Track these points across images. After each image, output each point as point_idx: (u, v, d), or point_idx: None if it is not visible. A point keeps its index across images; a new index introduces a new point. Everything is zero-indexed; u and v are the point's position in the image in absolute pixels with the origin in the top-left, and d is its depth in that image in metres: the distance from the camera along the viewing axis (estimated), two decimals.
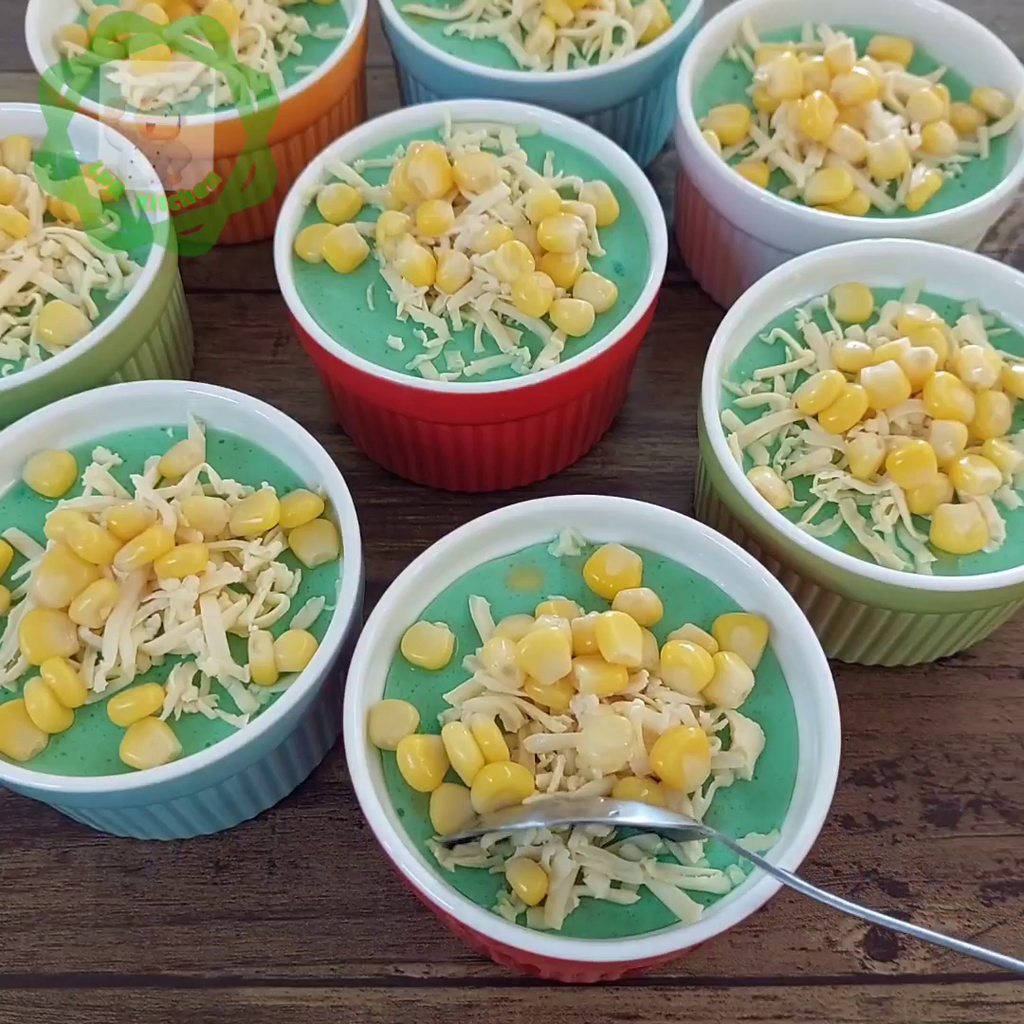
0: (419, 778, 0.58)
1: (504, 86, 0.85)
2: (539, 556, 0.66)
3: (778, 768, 0.59)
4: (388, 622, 0.62)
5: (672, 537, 0.65)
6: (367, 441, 0.82)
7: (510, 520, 0.65)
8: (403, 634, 0.63)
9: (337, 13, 0.93)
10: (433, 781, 0.58)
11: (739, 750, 0.58)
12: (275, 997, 0.64)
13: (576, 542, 0.66)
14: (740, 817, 0.58)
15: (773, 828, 0.57)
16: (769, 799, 0.58)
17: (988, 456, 0.67)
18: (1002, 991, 0.65)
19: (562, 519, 0.66)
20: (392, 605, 0.62)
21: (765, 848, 0.56)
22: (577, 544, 0.66)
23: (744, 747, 0.58)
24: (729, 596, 0.64)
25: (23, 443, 0.68)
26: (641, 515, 0.65)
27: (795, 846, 0.55)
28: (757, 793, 0.59)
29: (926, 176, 0.81)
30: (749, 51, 0.89)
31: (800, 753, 0.59)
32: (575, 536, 0.66)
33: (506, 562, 0.66)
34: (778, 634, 0.62)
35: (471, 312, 0.74)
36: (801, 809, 0.57)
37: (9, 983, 0.65)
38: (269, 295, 0.89)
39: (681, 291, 0.93)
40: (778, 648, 0.63)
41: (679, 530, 0.65)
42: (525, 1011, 0.64)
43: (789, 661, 0.62)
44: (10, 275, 0.73)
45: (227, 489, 0.66)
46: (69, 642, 0.61)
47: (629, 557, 0.64)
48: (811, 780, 0.57)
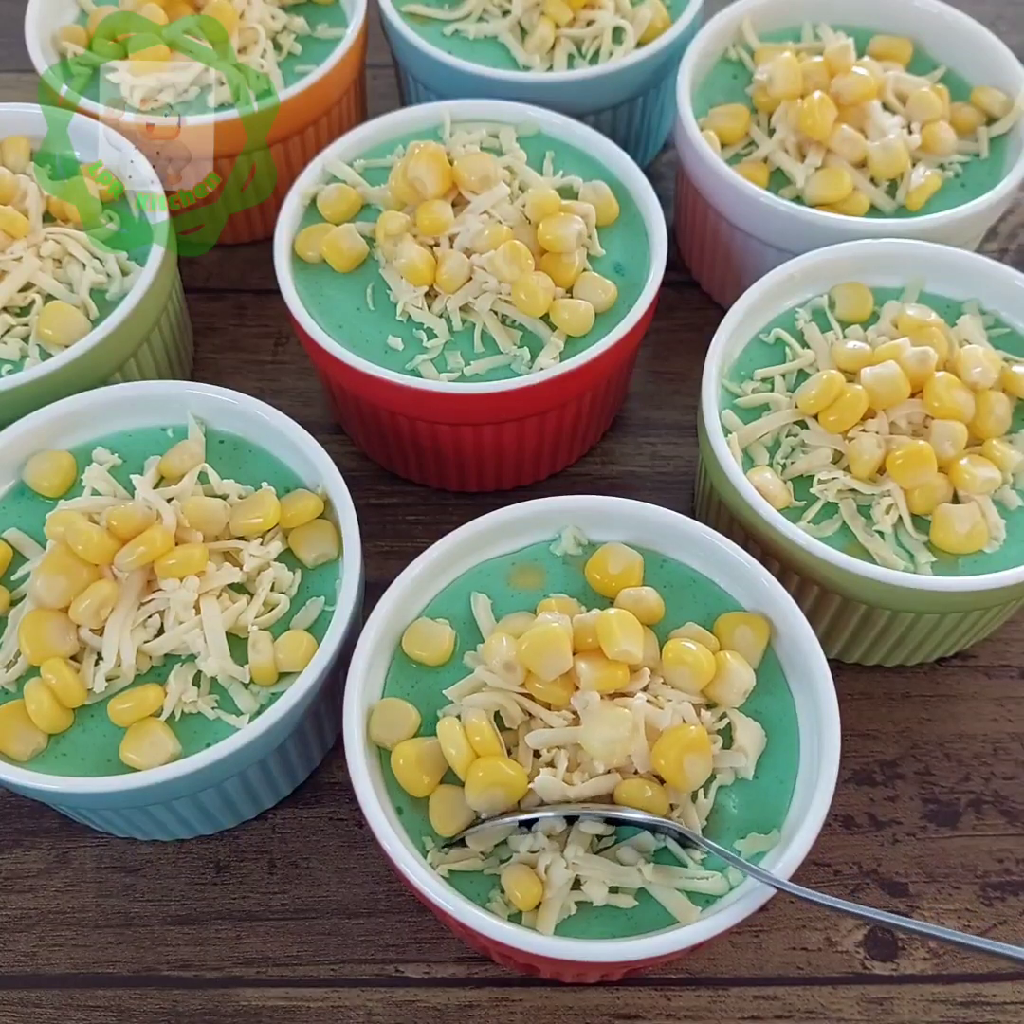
0: (414, 783, 0.58)
1: (504, 86, 0.85)
2: (541, 555, 0.66)
3: (779, 768, 0.59)
4: (389, 621, 0.62)
5: (673, 537, 0.65)
6: (367, 441, 0.82)
7: (512, 519, 0.65)
8: (403, 631, 0.63)
9: (337, 13, 0.93)
10: (429, 785, 0.58)
11: (740, 749, 0.58)
12: (275, 997, 0.64)
13: (578, 541, 0.66)
14: (741, 817, 0.58)
15: (773, 828, 0.57)
16: (770, 799, 0.58)
17: (988, 456, 0.67)
18: (1002, 991, 0.65)
19: (564, 519, 0.66)
20: (393, 604, 0.62)
21: (765, 849, 0.56)
22: (579, 543, 0.66)
23: (745, 746, 0.58)
24: (730, 596, 0.64)
25: (23, 443, 0.68)
26: (642, 515, 0.65)
27: (794, 848, 0.55)
28: (758, 793, 0.59)
29: (926, 176, 0.81)
30: (749, 51, 0.89)
31: (801, 753, 0.59)
32: (577, 535, 0.66)
33: (508, 560, 0.66)
34: (778, 634, 0.62)
35: (471, 312, 0.74)
36: (802, 810, 0.57)
37: (9, 984, 0.65)
38: (269, 295, 0.89)
39: (681, 291, 0.93)
40: (778, 648, 0.63)
41: (680, 530, 0.65)
42: (525, 1011, 0.64)
43: (790, 661, 0.62)
44: (10, 275, 0.73)
45: (227, 489, 0.66)
46: (69, 642, 0.61)
47: (631, 556, 0.64)
48: (811, 780, 0.57)
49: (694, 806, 0.58)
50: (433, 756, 0.58)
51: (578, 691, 0.58)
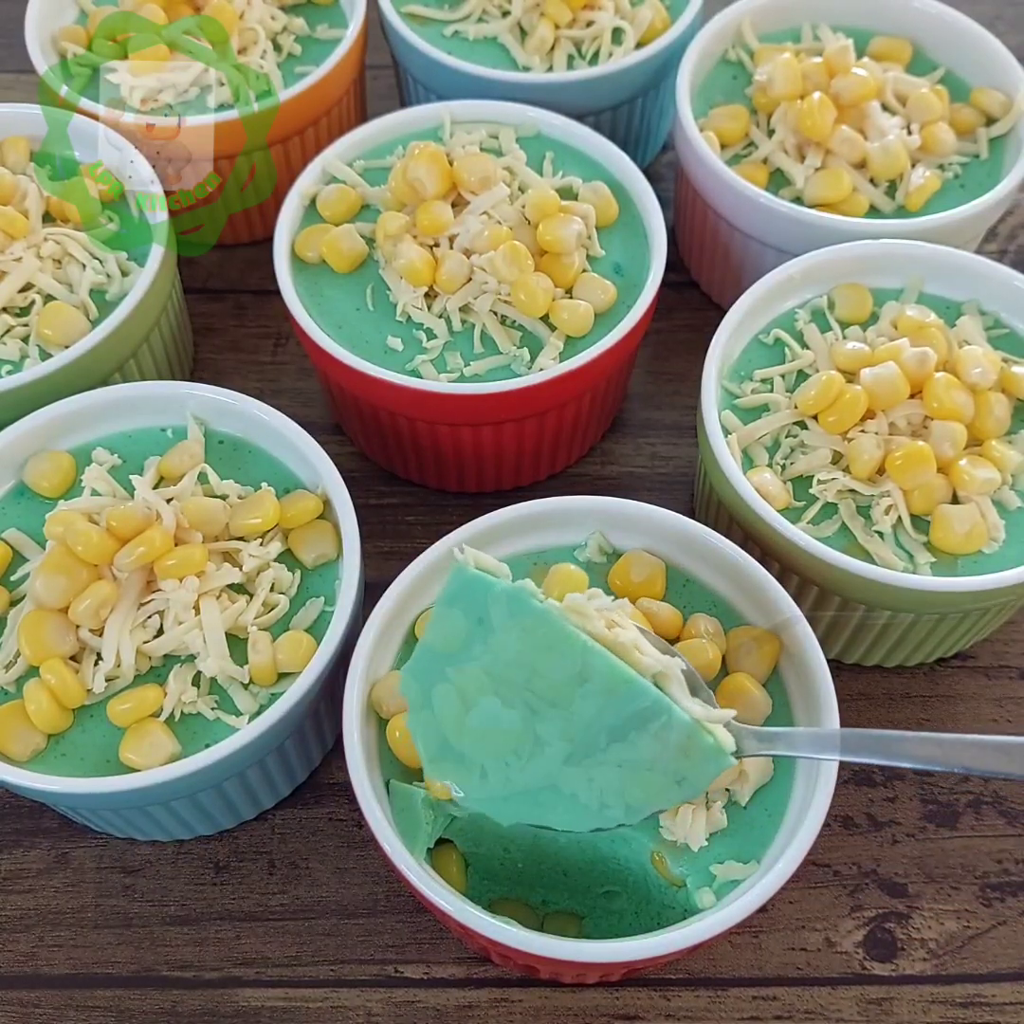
0: (408, 754, 0.58)
1: (503, 87, 0.85)
2: (564, 558, 0.66)
3: (769, 802, 0.58)
4: (405, 598, 0.62)
5: (698, 553, 0.64)
6: (366, 442, 0.82)
7: (532, 514, 0.65)
8: (417, 619, 0.63)
9: (336, 14, 0.93)
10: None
11: (744, 774, 0.57)
12: (275, 998, 0.64)
13: (603, 549, 0.66)
14: (724, 840, 0.57)
15: (752, 860, 0.56)
16: (755, 831, 0.57)
17: (987, 456, 0.67)
18: (1002, 991, 0.65)
19: (588, 519, 0.66)
20: (410, 583, 0.62)
21: (740, 878, 0.55)
22: (603, 551, 0.66)
23: (749, 772, 0.57)
24: (750, 621, 0.64)
25: (23, 443, 0.68)
26: (669, 524, 0.64)
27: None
28: (745, 821, 0.57)
29: (925, 177, 0.81)
30: (748, 52, 0.89)
31: (793, 792, 0.58)
32: (602, 544, 0.66)
33: (530, 559, 0.66)
34: (789, 654, 0.62)
35: (470, 313, 0.74)
36: (782, 848, 0.55)
37: (8, 984, 0.65)
38: (268, 295, 0.89)
39: (680, 291, 0.93)
40: (785, 665, 0.62)
41: (706, 547, 0.64)
42: (525, 1011, 0.64)
43: (796, 680, 0.61)
44: (9, 276, 0.73)
45: (226, 490, 0.66)
46: (68, 643, 0.61)
47: (653, 563, 0.64)
48: (800, 820, 0.56)
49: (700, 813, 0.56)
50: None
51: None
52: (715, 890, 0.55)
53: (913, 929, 0.66)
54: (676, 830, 0.56)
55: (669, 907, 0.58)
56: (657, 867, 0.57)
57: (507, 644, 0.52)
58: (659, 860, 0.56)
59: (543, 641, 0.52)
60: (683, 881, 0.56)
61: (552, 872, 0.62)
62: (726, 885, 0.55)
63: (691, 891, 0.55)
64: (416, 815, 0.57)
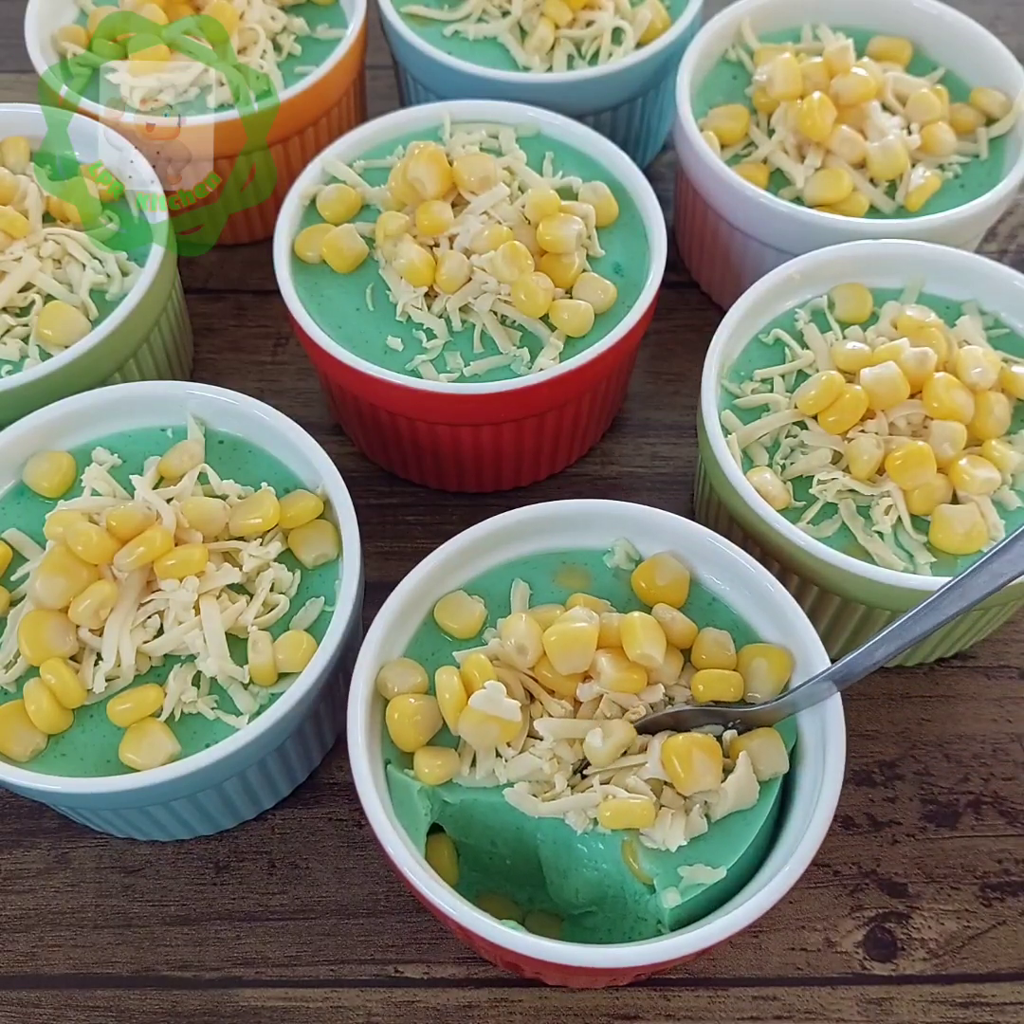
0: (403, 737, 0.59)
1: (503, 87, 0.85)
2: (592, 561, 0.66)
3: (748, 813, 0.57)
4: (425, 583, 0.62)
5: (725, 571, 0.64)
6: (366, 442, 0.82)
7: (560, 515, 0.65)
8: (437, 602, 0.63)
9: (336, 14, 0.93)
10: (417, 741, 0.59)
11: (723, 792, 0.57)
12: (275, 998, 0.64)
13: (630, 556, 0.66)
14: (697, 845, 0.56)
15: (721, 866, 0.55)
16: (730, 838, 0.57)
17: (987, 456, 0.67)
18: (1002, 991, 0.65)
19: (613, 525, 0.66)
20: (432, 569, 0.62)
21: (706, 882, 0.55)
22: (631, 558, 0.66)
23: (729, 794, 0.57)
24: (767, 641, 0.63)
25: (23, 443, 0.68)
26: (702, 542, 0.64)
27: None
28: (723, 828, 0.57)
29: (925, 177, 0.81)
30: (748, 52, 0.89)
31: (773, 803, 0.58)
32: (630, 551, 0.65)
33: (558, 558, 0.66)
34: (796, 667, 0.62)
35: (470, 313, 0.74)
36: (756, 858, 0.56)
37: (8, 984, 0.65)
38: (268, 295, 0.89)
39: (680, 291, 0.93)
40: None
41: (735, 568, 0.63)
42: (525, 1011, 0.64)
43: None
44: (9, 276, 0.73)
45: (226, 490, 0.66)
46: (68, 643, 0.61)
47: (679, 570, 0.64)
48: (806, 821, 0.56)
49: (685, 819, 0.56)
50: (428, 713, 0.59)
51: (585, 682, 0.59)
52: (681, 891, 0.55)
53: (913, 929, 0.66)
54: (655, 835, 0.56)
55: (642, 919, 0.58)
56: (628, 859, 0.56)
57: None
58: (630, 850, 0.56)
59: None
60: (651, 879, 0.55)
61: (537, 871, 0.62)
62: (692, 887, 0.55)
63: (658, 891, 0.55)
64: (414, 809, 0.57)
